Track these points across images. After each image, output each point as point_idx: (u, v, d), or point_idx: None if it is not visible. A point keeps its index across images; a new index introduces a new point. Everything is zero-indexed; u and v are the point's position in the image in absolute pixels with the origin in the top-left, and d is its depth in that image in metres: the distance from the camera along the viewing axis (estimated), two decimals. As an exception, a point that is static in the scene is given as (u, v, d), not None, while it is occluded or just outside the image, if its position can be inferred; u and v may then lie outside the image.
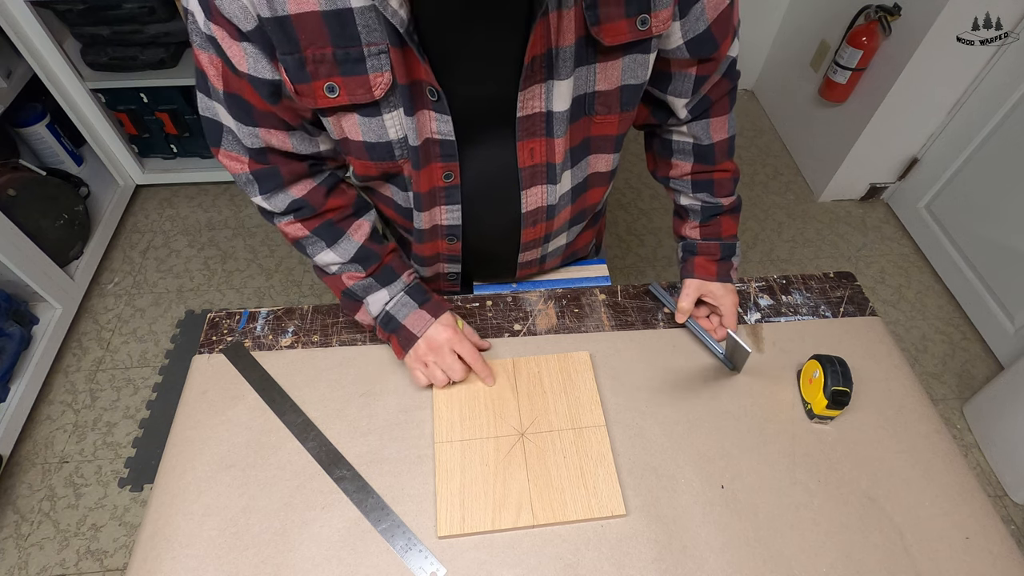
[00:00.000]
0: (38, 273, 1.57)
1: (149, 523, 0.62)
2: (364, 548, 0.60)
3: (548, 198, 0.68)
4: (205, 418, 0.69)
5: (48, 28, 1.63)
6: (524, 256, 0.79)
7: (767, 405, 0.71)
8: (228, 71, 0.53)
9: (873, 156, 1.98)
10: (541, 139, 0.61)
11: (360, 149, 0.59)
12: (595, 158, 0.68)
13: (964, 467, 0.66)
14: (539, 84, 0.55)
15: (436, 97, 0.54)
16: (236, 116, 0.57)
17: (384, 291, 0.70)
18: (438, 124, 0.57)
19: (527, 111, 0.57)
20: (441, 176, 0.62)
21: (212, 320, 0.79)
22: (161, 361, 1.70)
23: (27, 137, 1.89)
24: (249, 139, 0.59)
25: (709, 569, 0.59)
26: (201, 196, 2.14)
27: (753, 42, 2.42)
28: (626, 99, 0.61)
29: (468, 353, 0.70)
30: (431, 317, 0.70)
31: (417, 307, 0.70)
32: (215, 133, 0.60)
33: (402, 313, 0.70)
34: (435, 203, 0.66)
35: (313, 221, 0.68)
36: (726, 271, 0.76)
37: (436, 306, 0.71)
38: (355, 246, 0.69)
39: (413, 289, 0.72)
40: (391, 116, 0.55)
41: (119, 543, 1.37)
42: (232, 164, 0.62)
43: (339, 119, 0.56)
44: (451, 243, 0.74)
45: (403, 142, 0.58)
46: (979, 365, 1.71)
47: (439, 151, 0.59)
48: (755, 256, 2.00)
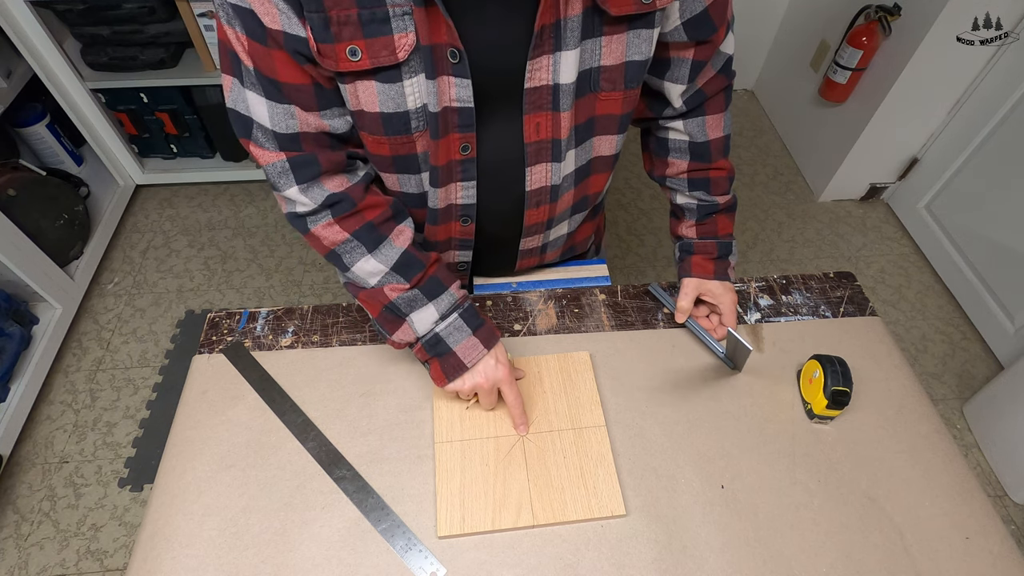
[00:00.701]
0: (38, 273, 1.57)
1: (149, 523, 0.62)
2: (364, 548, 0.60)
3: (552, 177, 0.68)
4: (205, 418, 0.69)
5: (48, 28, 1.63)
6: (526, 243, 0.78)
7: (767, 405, 0.71)
8: (255, 44, 0.52)
9: (873, 156, 1.98)
10: (547, 113, 0.61)
11: (375, 122, 0.58)
12: (599, 140, 0.68)
13: (964, 467, 0.66)
14: (547, 55, 0.56)
15: (457, 59, 0.54)
16: (267, 94, 0.56)
17: (431, 307, 0.65)
18: (457, 90, 0.57)
19: (535, 82, 0.58)
20: (459, 148, 0.62)
21: (212, 320, 0.79)
22: (161, 361, 1.70)
23: (27, 137, 1.89)
24: (284, 122, 0.57)
25: (709, 569, 0.59)
26: (201, 196, 2.14)
27: (753, 42, 2.43)
28: (631, 76, 0.61)
29: (512, 399, 0.66)
30: (484, 349, 0.65)
31: (471, 333, 0.65)
32: (245, 126, 0.59)
33: (454, 338, 0.65)
34: (451, 179, 0.65)
35: (352, 221, 0.64)
36: (723, 269, 0.76)
37: (489, 334, 0.67)
38: (398, 251, 0.65)
39: (467, 312, 0.66)
40: (411, 83, 0.55)
41: (119, 543, 1.37)
42: (263, 155, 0.60)
43: (356, 88, 0.56)
44: (465, 225, 0.72)
45: (421, 112, 0.58)
46: (979, 365, 1.71)
47: (457, 120, 0.59)
48: (755, 256, 2.00)
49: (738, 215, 2.12)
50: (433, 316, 0.65)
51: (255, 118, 0.58)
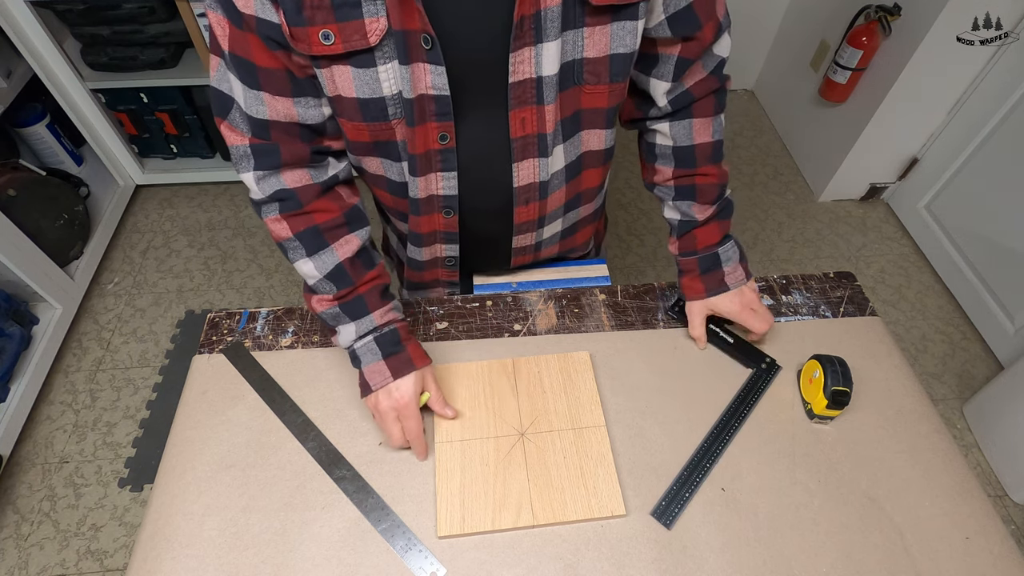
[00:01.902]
0: (38, 273, 1.57)
1: (149, 523, 0.62)
2: (364, 548, 0.60)
3: (540, 174, 0.68)
4: (205, 418, 0.69)
5: (48, 28, 1.63)
6: (518, 240, 0.78)
7: (767, 405, 0.71)
8: (234, 29, 0.54)
9: (873, 156, 1.98)
10: (532, 107, 0.61)
11: (353, 108, 0.59)
12: (587, 134, 0.68)
13: (964, 467, 0.66)
14: (529, 47, 0.56)
15: (430, 45, 0.54)
16: (241, 78, 0.57)
17: (352, 326, 0.67)
18: (432, 77, 0.57)
19: (518, 76, 0.58)
20: (437, 137, 0.62)
21: (212, 320, 0.79)
22: (161, 361, 1.70)
23: (27, 137, 1.89)
24: (255, 106, 0.58)
25: (709, 569, 0.59)
26: (201, 196, 2.14)
27: (753, 42, 2.42)
28: (616, 69, 0.61)
29: (410, 429, 0.65)
30: (389, 376, 0.65)
31: (381, 359, 0.66)
32: (224, 105, 0.60)
33: (365, 359, 0.66)
34: (431, 168, 0.65)
35: (299, 221, 0.65)
36: (716, 282, 0.73)
37: (402, 364, 0.66)
38: (334, 262, 0.66)
39: (384, 336, 0.67)
40: (385, 68, 0.56)
41: (119, 543, 1.37)
42: (232, 136, 0.61)
43: (332, 73, 0.56)
44: (447, 217, 0.72)
45: (397, 98, 0.58)
46: (979, 365, 1.71)
47: (434, 108, 0.59)
48: (755, 256, 2.00)
49: (738, 215, 2.15)
50: (352, 335, 0.67)
51: (236, 98, 0.59)
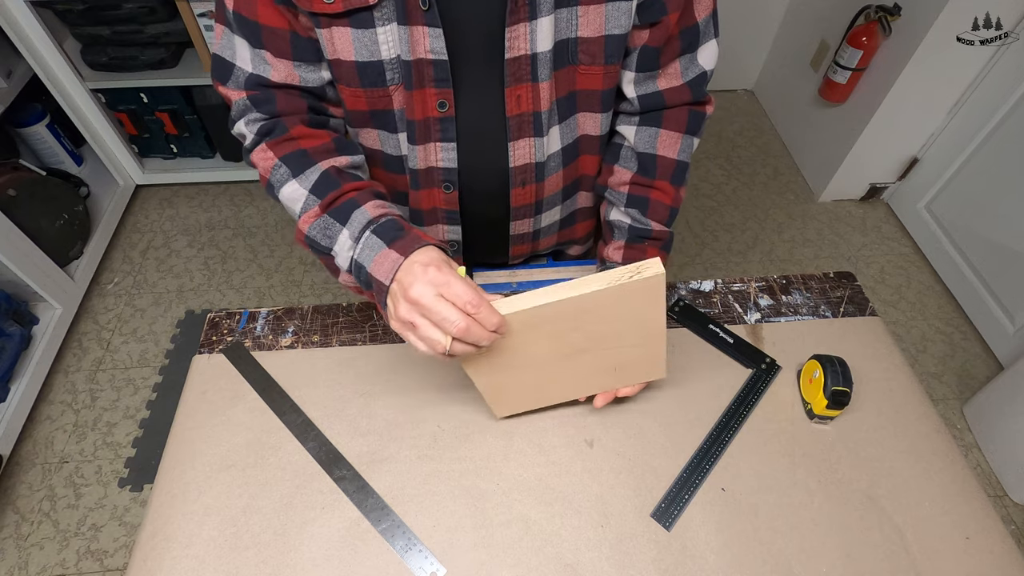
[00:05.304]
0: (38, 273, 1.57)
1: (149, 523, 0.62)
2: (364, 548, 0.60)
3: (536, 154, 0.68)
4: (205, 418, 0.70)
5: (48, 28, 1.63)
6: (516, 226, 0.77)
7: (767, 405, 0.71)
8: None
9: (873, 156, 1.98)
10: (527, 84, 0.61)
11: (351, 72, 0.59)
12: (583, 117, 0.68)
13: (964, 467, 0.66)
14: (523, 23, 0.57)
15: (427, 6, 0.55)
16: (246, 37, 0.58)
17: (345, 232, 0.56)
18: (431, 40, 0.57)
19: (514, 52, 0.59)
20: (436, 104, 0.62)
21: (212, 320, 0.79)
22: (161, 361, 1.70)
23: (27, 137, 1.89)
24: (260, 65, 0.59)
25: (709, 569, 0.59)
26: (201, 196, 2.14)
27: (753, 42, 2.42)
28: (610, 50, 0.61)
29: (459, 294, 0.49)
30: (399, 256, 0.52)
31: (385, 246, 0.53)
32: (224, 70, 0.61)
33: (367, 258, 0.54)
34: (430, 137, 0.65)
35: (283, 147, 0.60)
36: None
37: (411, 241, 0.53)
38: (317, 172, 0.58)
39: (383, 226, 0.55)
40: (384, 30, 0.56)
41: (119, 543, 1.37)
42: (232, 94, 0.62)
43: (332, 34, 0.57)
44: (448, 192, 0.71)
45: (395, 63, 0.59)
46: (979, 365, 1.71)
47: (433, 73, 0.60)
48: (755, 256, 2.00)
49: (738, 215, 2.15)
50: (348, 242, 0.56)
51: (239, 63, 0.60)
